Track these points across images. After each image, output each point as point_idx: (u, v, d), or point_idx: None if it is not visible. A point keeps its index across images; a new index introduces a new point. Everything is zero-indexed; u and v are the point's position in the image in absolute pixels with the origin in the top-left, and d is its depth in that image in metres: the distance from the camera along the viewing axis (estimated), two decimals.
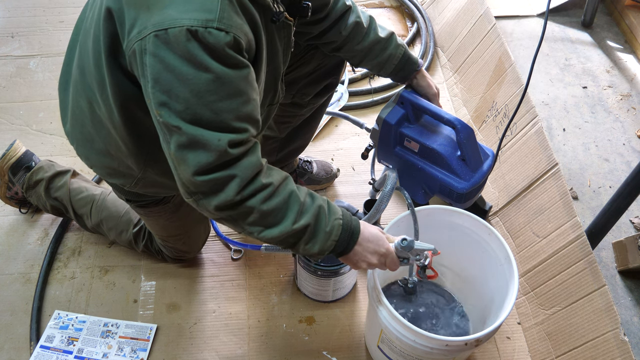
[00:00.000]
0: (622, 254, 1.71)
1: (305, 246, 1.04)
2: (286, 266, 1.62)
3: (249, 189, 0.97)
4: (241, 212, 0.98)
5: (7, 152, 1.62)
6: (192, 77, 0.88)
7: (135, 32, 0.89)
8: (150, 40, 0.87)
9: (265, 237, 1.01)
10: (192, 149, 0.92)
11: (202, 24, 0.86)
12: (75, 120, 1.17)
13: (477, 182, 1.45)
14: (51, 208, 1.62)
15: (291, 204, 1.01)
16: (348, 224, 1.07)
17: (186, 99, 0.89)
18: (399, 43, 1.38)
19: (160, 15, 0.87)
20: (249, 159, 0.96)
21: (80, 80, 1.10)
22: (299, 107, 1.49)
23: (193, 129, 0.91)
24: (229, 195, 0.96)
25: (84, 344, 1.45)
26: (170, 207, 1.36)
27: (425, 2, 2.50)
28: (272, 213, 1.00)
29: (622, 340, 1.22)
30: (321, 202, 1.05)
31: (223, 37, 0.88)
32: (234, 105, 0.92)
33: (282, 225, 1.00)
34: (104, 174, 1.24)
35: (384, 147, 1.56)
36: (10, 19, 2.43)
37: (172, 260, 1.58)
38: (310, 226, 1.02)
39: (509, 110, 1.75)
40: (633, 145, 2.09)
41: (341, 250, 1.07)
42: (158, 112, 0.91)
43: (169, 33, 0.86)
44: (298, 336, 1.48)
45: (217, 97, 0.90)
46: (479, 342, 1.16)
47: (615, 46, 2.50)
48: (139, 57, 0.89)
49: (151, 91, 0.90)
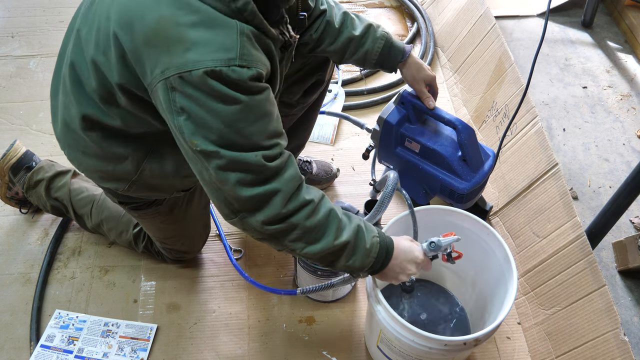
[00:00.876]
0: (622, 254, 1.71)
1: (347, 262, 1.08)
2: (286, 266, 1.62)
3: (293, 203, 1.00)
4: (286, 227, 1.02)
5: (8, 153, 1.62)
6: (221, 110, 0.92)
7: (158, 72, 0.91)
8: (176, 81, 0.90)
9: (308, 253, 1.05)
10: (232, 169, 0.96)
11: (225, 64, 0.89)
12: (67, 127, 1.16)
13: (478, 182, 1.45)
14: (51, 208, 1.61)
15: (331, 220, 1.05)
16: (384, 240, 1.11)
17: (218, 129, 0.93)
18: (377, 37, 1.36)
19: (182, 58, 0.89)
20: (289, 172, 1.01)
21: (75, 91, 1.09)
22: (289, 107, 1.48)
23: (229, 152, 0.94)
24: (276, 209, 0.99)
25: (84, 344, 1.45)
26: (164, 209, 1.35)
27: (425, 2, 2.50)
28: (314, 229, 1.03)
29: (622, 340, 1.22)
30: (358, 222, 1.09)
31: (246, 72, 0.92)
32: (262, 127, 0.96)
33: (324, 241, 1.04)
34: (96, 178, 1.24)
35: (384, 148, 1.57)
36: (10, 19, 2.43)
37: (171, 261, 1.58)
38: (351, 243, 1.07)
39: (509, 111, 1.75)
40: (633, 145, 2.09)
41: (379, 266, 1.11)
42: (193, 142, 0.94)
43: (192, 75, 0.89)
44: (298, 336, 1.48)
45: (246, 123, 0.94)
46: (478, 342, 1.16)
47: (615, 46, 2.51)
48: (165, 93, 0.92)
49: (183, 124, 0.93)
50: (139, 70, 0.95)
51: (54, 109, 1.22)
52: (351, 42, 1.35)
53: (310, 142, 1.96)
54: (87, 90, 1.07)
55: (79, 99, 1.09)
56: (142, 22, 0.91)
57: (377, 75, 2.22)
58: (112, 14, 0.96)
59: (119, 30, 0.94)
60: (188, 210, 1.41)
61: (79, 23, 1.08)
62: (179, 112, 0.93)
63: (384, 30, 1.38)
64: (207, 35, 0.90)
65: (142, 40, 0.92)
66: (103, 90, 1.04)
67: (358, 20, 1.37)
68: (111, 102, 1.06)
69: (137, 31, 0.92)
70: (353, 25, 1.35)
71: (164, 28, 0.90)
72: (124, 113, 1.07)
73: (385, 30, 1.38)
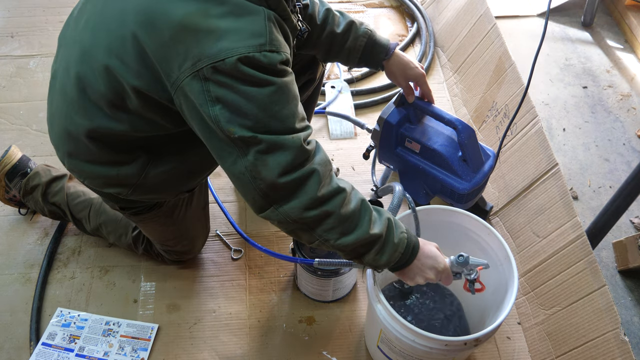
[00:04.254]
0: (622, 254, 1.71)
1: (376, 256, 1.08)
2: (286, 266, 1.62)
3: (327, 188, 1.01)
4: (321, 215, 1.01)
5: (3, 159, 1.59)
6: (256, 94, 0.93)
7: (188, 65, 0.92)
8: (209, 71, 0.91)
9: (341, 244, 1.04)
10: (271, 152, 0.96)
11: (256, 49, 0.92)
12: (69, 135, 1.15)
13: (479, 182, 1.45)
14: (49, 213, 1.61)
15: (364, 211, 1.05)
16: (410, 238, 1.11)
17: (255, 114, 0.94)
18: (359, 34, 1.35)
19: (214, 47, 0.91)
20: (320, 155, 1.02)
21: (79, 99, 1.08)
22: None
23: (267, 137, 0.96)
24: (311, 193, 0.99)
25: (85, 342, 1.45)
26: (165, 211, 1.35)
27: (425, 2, 2.50)
28: (349, 218, 1.03)
29: (622, 340, 1.22)
30: (389, 215, 1.09)
31: (276, 56, 0.94)
32: (294, 109, 0.99)
33: (358, 231, 1.04)
34: (100, 184, 1.22)
35: (385, 148, 1.57)
36: (10, 19, 2.43)
37: (172, 262, 1.58)
38: (383, 236, 1.06)
39: (509, 111, 1.75)
40: (633, 145, 2.09)
41: (403, 264, 1.11)
42: (230, 130, 0.95)
43: (226, 63, 0.91)
44: (298, 336, 1.48)
45: (280, 106, 0.96)
46: (478, 342, 1.16)
47: (615, 46, 2.50)
48: (198, 85, 0.93)
49: (219, 112, 0.94)
50: (162, 69, 0.96)
51: (51, 116, 1.21)
52: (334, 38, 1.34)
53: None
54: (92, 98, 1.07)
55: (85, 108, 1.09)
56: (167, 19, 0.92)
57: (377, 75, 2.22)
58: (129, 16, 0.96)
59: (140, 31, 0.95)
60: (188, 211, 1.41)
61: (77, 33, 1.08)
62: (214, 101, 0.93)
63: (367, 27, 1.37)
64: (237, 24, 0.92)
65: (168, 36, 0.93)
66: (113, 94, 1.04)
67: (341, 17, 1.35)
68: (120, 107, 1.06)
69: (162, 29, 0.93)
70: (335, 22, 1.34)
71: (192, 22, 0.91)
72: (133, 117, 1.07)
73: (369, 28, 1.37)
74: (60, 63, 1.14)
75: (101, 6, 1.04)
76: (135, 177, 1.17)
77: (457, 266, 1.14)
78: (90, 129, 1.10)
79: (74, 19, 1.12)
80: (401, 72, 1.40)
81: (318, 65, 1.47)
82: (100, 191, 1.27)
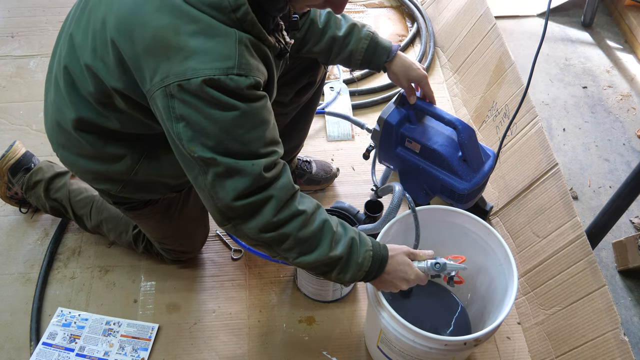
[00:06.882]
0: (622, 254, 1.71)
1: (338, 275, 1.09)
2: (286, 266, 1.62)
3: (285, 212, 1.01)
4: (278, 237, 1.02)
5: (7, 153, 1.62)
6: (219, 117, 0.92)
7: (157, 79, 0.92)
8: (175, 89, 0.91)
9: (301, 262, 1.06)
10: (229, 176, 0.97)
11: (223, 72, 0.90)
12: (60, 127, 1.16)
13: (479, 182, 1.45)
14: (51, 209, 1.61)
15: (325, 232, 1.05)
16: (378, 254, 1.11)
17: (216, 135, 0.93)
18: (361, 36, 1.34)
19: (181, 66, 0.90)
20: (282, 181, 1.01)
21: (69, 93, 1.09)
22: (283, 106, 1.47)
23: (227, 160, 0.95)
24: (267, 217, 1.00)
25: (86, 342, 1.45)
26: (159, 208, 1.35)
27: (425, 2, 2.50)
28: (307, 240, 1.04)
29: (622, 340, 1.22)
30: (353, 234, 1.09)
31: (244, 80, 0.92)
32: (260, 134, 0.97)
33: (317, 252, 1.05)
34: (90, 179, 1.24)
35: (385, 148, 1.56)
36: (10, 19, 2.43)
37: (171, 261, 1.58)
38: (344, 257, 1.07)
39: (509, 111, 1.76)
40: (633, 145, 2.09)
41: (370, 278, 1.12)
42: (190, 149, 0.95)
43: (191, 83, 0.90)
44: (298, 336, 1.48)
45: (244, 130, 0.95)
46: (478, 342, 1.16)
47: (615, 46, 2.51)
48: (164, 101, 0.93)
49: (182, 130, 0.94)
50: (138, 77, 0.96)
51: (46, 109, 1.22)
52: (335, 42, 1.34)
53: (308, 141, 1.96)
54: (82, 93, 1.07)
55: (74, 101, 1.09)
56: (143, 31, 0.91)
57: (377, 75, 2.22)
58: (110, 21, 0.96)
59: (118, 38, 0.94)
60: (184, 210, 1.41)
61: (72, 27, 1.08)
62: (177, 119, 0.93)
63: (369, 29, 1.36)
64: (207, 44, 0.90)
65: (142, 48, 0.92)
66: (101, 94, 1.04)
67: (343, 20, 1.35)
68: (109, 106, 1.06)
69: (137, 39, 0.92)
70: (337, 24, 1.34)
71: (164, 37, 0.90)
72: (122, 115, 1.07)
73: (371, 30, 1.37)
74: (56, 55, 1.15)
75: (97, 3, 1.03)
76: (125, 174, 1.18)
77: (434, 271, 1.15)
78: (76, 118, 1.10)
79: (75, 6, 1.12)
80: (403, 73, 1.40)
81: (319, 67, 1.46)
82: (92, 186, 1.29)
